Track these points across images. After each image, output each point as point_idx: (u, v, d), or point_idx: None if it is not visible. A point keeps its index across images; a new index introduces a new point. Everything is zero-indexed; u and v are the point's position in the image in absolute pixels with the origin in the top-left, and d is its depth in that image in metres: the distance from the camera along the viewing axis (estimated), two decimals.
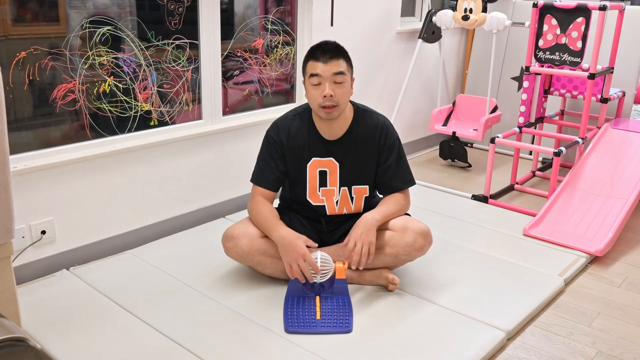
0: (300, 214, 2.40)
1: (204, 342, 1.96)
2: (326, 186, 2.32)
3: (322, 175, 2.31)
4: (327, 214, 2.36)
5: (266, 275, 2.34)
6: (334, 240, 2.39)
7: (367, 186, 2.35)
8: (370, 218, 2.20)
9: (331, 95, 2.13)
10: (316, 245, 2.18)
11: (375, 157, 2.32)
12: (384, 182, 2.34)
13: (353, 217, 2.36)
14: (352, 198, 2.35)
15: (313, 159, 2.29)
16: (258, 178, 2.33)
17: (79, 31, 2.39)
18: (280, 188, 2.40)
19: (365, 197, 2.36)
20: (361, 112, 2.32)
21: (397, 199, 2.33)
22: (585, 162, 3.26)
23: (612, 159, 3.24)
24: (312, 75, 2.15)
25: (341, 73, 2.14)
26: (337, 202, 2.34)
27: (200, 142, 2.89)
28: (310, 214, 2.39)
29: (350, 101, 2.31)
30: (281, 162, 2.31)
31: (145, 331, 2.02)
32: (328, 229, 2.38)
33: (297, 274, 2.12)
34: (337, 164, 2.30)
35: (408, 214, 2.40)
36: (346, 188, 2.33)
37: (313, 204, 2.34)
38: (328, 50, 2.14)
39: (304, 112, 2.32)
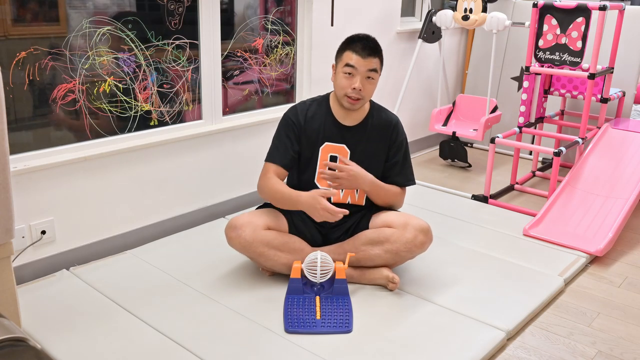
0: None
1: (204, 342, 1.96)
2: (334, 171, 2.34)
3: (333, 160, 2.36)
4: (331, 200, 2.37)
5: (267, 268, 2.34)
6: (336, 238, 2.39)
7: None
8: (369, 176, 2.29)
9: (360, 90, 2.22)
10: (334, 192, 2.22)
11: (385, 151, 2.39)
12: (388, 177, 2.41)
13: (355, 213, 2.38)
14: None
15: (326, 143, 2.36)
16: (273, 155, 2.36)
17: (79, 31, 2.39)
18: (285, 179, 2.42)
19: None
20: (377, 107, 2.44)
21: (396, 188, 2.41)
22: (585, 162, 3.26)
23: (612, 159, 3.24)
24: (347, 64, 2.23)
25: (375, 70, 2.25)
26: (342, 189, 2.37)
27: (200, 142, 2.89)
28: None
29: None
30: (296, 142, 2.36)
31: (145, 331, 2.02)
32: (330, 225, 2.39)
33: (330, 217, 2.16)
34: (349, 151, 2.36)
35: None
36: None
37: (320, 187, 2.36)
38: (368, 47, 2.23)
39: (323, 99, 2.41)
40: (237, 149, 3.07)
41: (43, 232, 2.38)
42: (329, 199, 2.36)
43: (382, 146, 2.39)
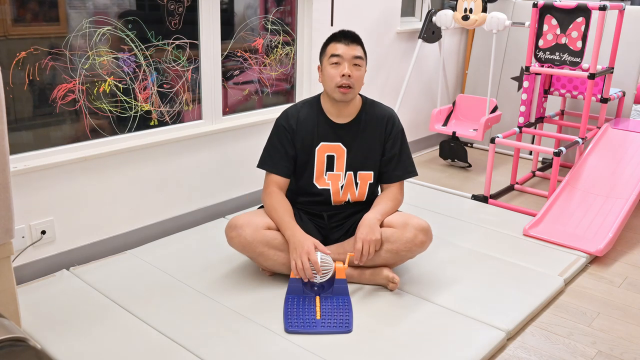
0: (302, 209, 2.41)
1: (204, 342, 1.96)
2: (333, 170, 2.37)
3: (330, 159, 2.36)
4: (332, 199, 2.38)
5: (267, 268, 2.34)
6: (336, 239, 2.40)
7: (372, 172, 2.40)
8: (372, 217, 2.27)
9: (349, 76, 2.24)
10: (329, 252, 2.20)
11: (381, 145, 2.40)
12: (387, 171, 2.41)
13: (355, 214, 2.39)
14: (356, 184, 2.39)
15: (321, 143, 2.36)
16: (270, 165, 2.37)
17: (79, 31, 2.39)
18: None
19: (370, 184, 2.40)
20: (369, 102, 2.44)
21: (393, 194, 2.40)
22: (585, 162, 3.26)
23: (612, 159, 3.24)
24: (333, 55, 2.27)
25: (360, 57, 2.29)
26: (342, 187, 2.38)
27: (200, 142, 2.89)
28: (313, 209, 2.41)
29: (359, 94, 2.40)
30: (291, 148, 2.36)
31: (145, 331, 2.02)
32: (330, 225, 2.39)
33: (299, 271, 2.14)
34: (345, 149, 2.36)
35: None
36: (352, 173, 2.38)
37: (319, 187, 2.37)
38: (350, 35, 2.30)
39: (313, 100, 2.43)
40: (237, 149, 3.07)
41: (43, 232, 2.38)
42: (328, 203, 2.38)
43: (378, 141, 2.39)
